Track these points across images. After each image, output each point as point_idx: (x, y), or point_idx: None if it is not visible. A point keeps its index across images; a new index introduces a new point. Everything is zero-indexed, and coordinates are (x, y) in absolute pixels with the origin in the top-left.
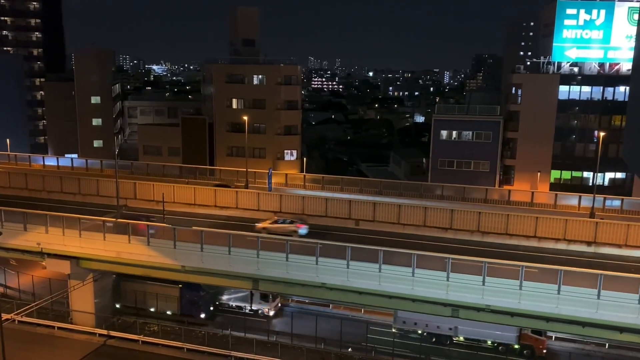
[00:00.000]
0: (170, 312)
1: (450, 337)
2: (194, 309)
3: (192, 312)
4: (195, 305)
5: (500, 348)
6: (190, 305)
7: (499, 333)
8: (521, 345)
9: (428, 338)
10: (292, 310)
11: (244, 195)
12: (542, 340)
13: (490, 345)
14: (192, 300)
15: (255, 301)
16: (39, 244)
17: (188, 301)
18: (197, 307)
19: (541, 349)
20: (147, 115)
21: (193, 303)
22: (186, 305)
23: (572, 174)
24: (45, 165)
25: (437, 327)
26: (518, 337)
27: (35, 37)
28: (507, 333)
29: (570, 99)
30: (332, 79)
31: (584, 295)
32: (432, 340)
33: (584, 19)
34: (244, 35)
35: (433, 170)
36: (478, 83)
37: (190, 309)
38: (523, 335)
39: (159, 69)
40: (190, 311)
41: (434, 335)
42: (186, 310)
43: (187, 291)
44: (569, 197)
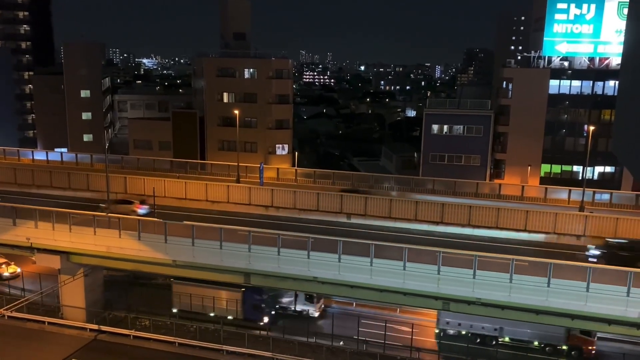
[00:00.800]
0: (231, 317)
1: (495, 337)
2: (256, 314)
3: (254, 317)
4: (258, 310)
5: (547, 349)
6: (252, 309)
7: (545, 333)
8: (569, 346)
9: (472, 339)
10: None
11: (236, 189)
12: (591, 341)
13: (536, 346)
14: (255, 304)
15: (300, 302)
16: (29, 239)
17: (251, 305)
18: (260, 312)
19: (590, 350)
20: (137, 109)
21: (256, 307)
22: (249, 310)
23: (562, 167)
24: (35, 159)
25: (481, 328)
26: (566, 337)
27: (24, 30)
28: (555, 333)
29: (561, 93)
30: (323, 73)
31: (574, 288)
32: (476, 341)
33: (574, 13)
34: (235, 28)
35: (424, 165)
36: (469, 77)
37: (253, 314)
38: (571, 335)
39: (149, 62)
40: (252, 316)
41: (479, 336)
42: (249, 314)
43: (249, 295)
44: (559, 191)
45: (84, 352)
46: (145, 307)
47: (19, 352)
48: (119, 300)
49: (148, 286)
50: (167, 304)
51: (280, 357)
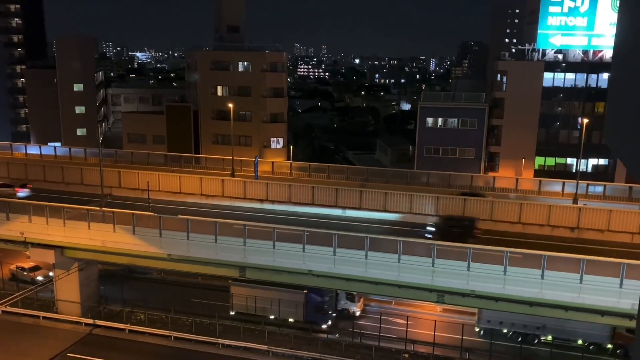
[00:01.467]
0: (292, 319)
1: (538, 336)
2: (319, 316)
3: (316, 319)
4: (320, 312)
5: (592, 347)
6: (315, 311)
7: (590, 332)
8: (614, 345)
9: (514, 337)
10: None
11: (230, 183)
12: None
13: (580, 345)
14: (317, 306)
15: (341, 301)
16: (23, 234)
17: (313, 307)
18: (322, 314)
19: None
20: (131, 102)
21: (318, 309)
22: (311, 312)
23: (556, 160)
24: (28, 154)
25: (523, 326)
26: (611, 336)
27: (15, 24)
28: (599, 332)
29: (555, 86)
30: (318, 66)
31: (567, 279)
32: (518, 340)
33: (568, 6)
34: (229, 21)
35: (419, 158)
36: (464, 70)
37: (315, 316)
38: (616, 334)
39: (142, 56)
40: (314, 318)
41: (520, 334)
42: (311, 317)
43: (311, 296)
44: (553, 184)
45: (79, 346)
46: (140, 301)
47: (14, 347)
48: (114, 295)
49: (143, 280)
50: (225, 306)
51: (275, 349)
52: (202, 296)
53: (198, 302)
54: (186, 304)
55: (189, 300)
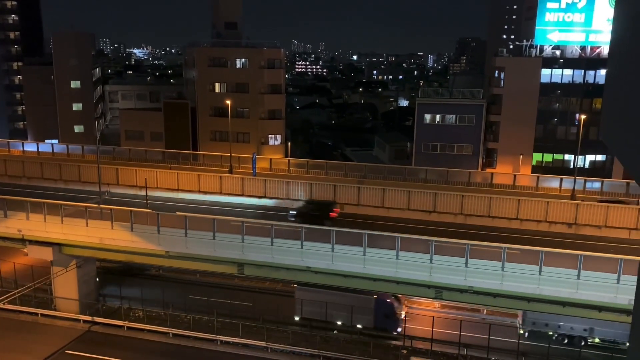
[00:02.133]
0: (360, 325)
1: (584, 338)
2: (389, 322)
3: (386, 325)
4: (390, 318)
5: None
6: (384, 317)
7: None
8: None
9: (560, 339)
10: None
11: (228, 180)
12: None
13: None
14: (387, 313)
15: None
16: (20, 231)
17: (383, 313)
18: (392, 320)
19: None
20: (128, 99)
21: (388, 315)
22: (380, 318)
23: (554, 156)
24: (25, 151)
25: (570, 328)
26: None
27: (12, 20)
28: None
29: (552, 82)
30: (316, 62)
31: (565, 275)
32: (564, 342)
33: (566, 2)
34: (226, 18)
35: (417, 154)
36: (462, 67)
37: (385, 322)
38: None
39: (140, 52)
40: (384, 324)
41: (567, 336)
42: (380, 323)
43: (381, 302)
44: (551, 180)
45: (77, 343)
46: (138, 298)
47: (12, 344)
48: (112, 292)
49: (141, 277)
50: (290, 311)
51: (274, 346)
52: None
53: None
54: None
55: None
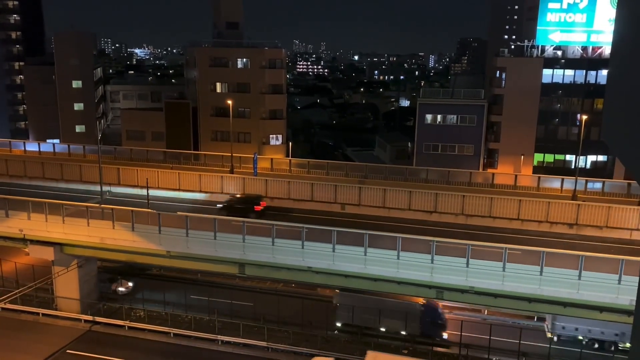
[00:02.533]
0: (404, 332)
1: (615, 343)
2: (435, 329)
3: (433, 333)
4: (437, 326)
5: None
6: (431, 325)
7: None
8: None
9: (591, 344)
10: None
11: (230, 180)
12: None
13: None
14: (433, 320)
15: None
16: (21, 230)
17: (429, 320)
18: (439, 327)
19: None
20: (130, 99)
21: (435, 323)
22: (427, 325)
23: (555, 157)
24: (27, 150)
25: (601, 333)
26: None
27: (14, 20)
28: None
29: (554, 83)
30: (317, 62)
31: (566, 276)
32: (594, 347)
33: (567, 2)
34: (227, 18)
35: (418, 154)
36: (463, 67)
37: (432, 329)
38: None
39: (141, 52)
40: (431, 331)
41: (597, 341)
42: (427, 330)
43: (429, 309)
44: (552, 180)
45: (78, 343)
46: (140, 297)
47: (13, 344)
48: (113, 291)
49: (142, 277)
50: (328, 317)
51: (275, 346)
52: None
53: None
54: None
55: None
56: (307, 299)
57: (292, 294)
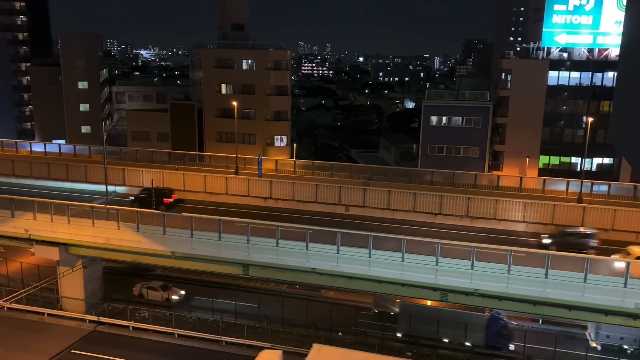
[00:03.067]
0: (471, 343)
1: None
2: (501, 340)
3: (498, 344)
4: (503, 337)
5: None
6: (497, 335)
7: None
8: None
9: (636, 354)
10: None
11: (234, 181)
12: None
13: None
14: (499, 331)
15: None
16: (27, 231)
17: (494, 331)
18: (505, 339)
19: None
20: (135, 100)
21: (500, 334)
22: (492, 336)
23: (561, 159)
24: (33, 151)
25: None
26: None
27: (20, 21)
28: None
29: (560, 85)
30: (322, 64)
31: (571, 278)
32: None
33: (573, 4)
34: (233, 19)
35: (423, 156)
36: (468, 69)
37: (498, 340)
38: None
39: (147, 53)
40: (496, 342)
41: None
42: (492, 341)
43: (494, 320)
44: (557, 182)
45: (83, 343)
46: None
47: (18, 343)
48: (118, 292)
49: (147, 278)
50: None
51: (279, 348)
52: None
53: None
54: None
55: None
56: (311, 300)
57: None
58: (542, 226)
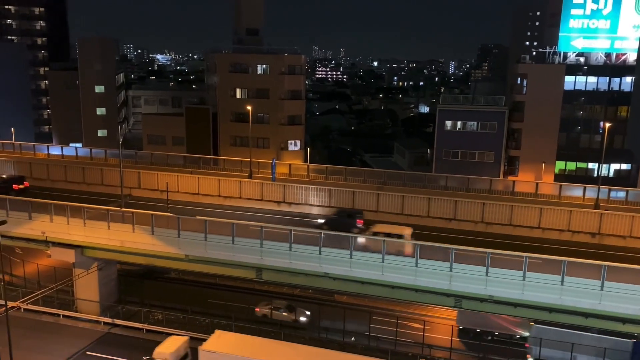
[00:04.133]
0: None
1: None
2: None
3: None
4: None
5: None
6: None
7: None
8: None
9: None
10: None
11: (248, 185)
12: None
13: None
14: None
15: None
16: (44, 233)
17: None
18: None
19: None
20: (151, 104)
21: None
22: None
23: (577, 165)
24: (50, 154)
25: None
26: None
27: (40, 26)
28: None
29: (576, 90)
30: (336, 68)
31: (588, 286)
32: None
33: (591, 8)
34: (248, 24)
35: (437, 161)
36: (483, 73)
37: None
38: None
39: (162, 58)
40: None
41: None
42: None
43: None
44: (574, 188)
45: (97, 345)
46: (158, 300)
47: (34, 344)
48: (132, 294)
49: (161, 280)
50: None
51: None
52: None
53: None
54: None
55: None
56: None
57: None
58: (557, 232)
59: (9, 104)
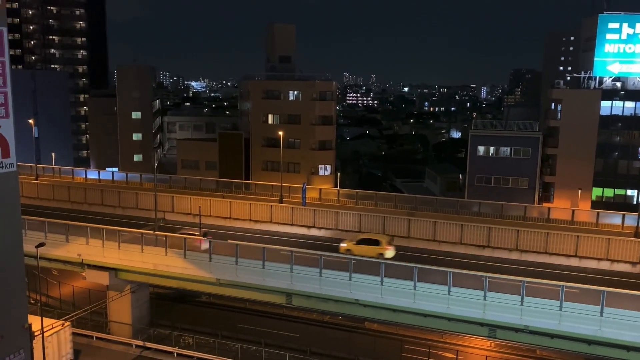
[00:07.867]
0: None
1: None
2: None
3: None
4: None
5: None
6: None
7: None
8: None
9: None
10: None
11: (279, 209)
12: None
13: None
14: None
15: None
16: (80, 255)
17: None
18: None
19: None
20: (185, 130)
21: None
22: None
23: (615, 191)
24: (87, 178)
25: None
26: None
27: (81, 55)
28: None
29: (613, 115)
30: (366, 94)
31: (630, 317)
32: None
33: (627, 32)
34: (280, 51)
35: (470, 187)
36: (516, 98)
37: None
38: None
39: (197, 85)
40: None
41: None
42: None
43: None
44: (612, 216)
45: None
46: (189, 324)
47: None
48: (164, 317)
49: (192, 303)
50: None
51: None
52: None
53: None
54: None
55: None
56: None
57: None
58: (596, 261)
59: (51, 129)
